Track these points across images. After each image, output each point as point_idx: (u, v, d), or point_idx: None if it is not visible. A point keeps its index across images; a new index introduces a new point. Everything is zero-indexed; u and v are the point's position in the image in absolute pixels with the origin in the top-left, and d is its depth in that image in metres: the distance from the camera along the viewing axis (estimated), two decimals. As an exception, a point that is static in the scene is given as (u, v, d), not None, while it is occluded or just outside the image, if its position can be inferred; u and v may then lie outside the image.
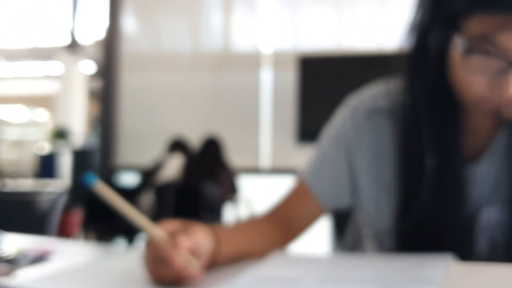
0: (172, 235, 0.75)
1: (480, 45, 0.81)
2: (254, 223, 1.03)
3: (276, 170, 3.31)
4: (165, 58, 3.95)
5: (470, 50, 0.82)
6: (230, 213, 3.71)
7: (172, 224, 0.78)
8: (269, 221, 1.04)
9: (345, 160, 1.03)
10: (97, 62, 4.17)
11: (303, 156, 3.14)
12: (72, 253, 0.93)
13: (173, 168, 3.32)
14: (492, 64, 0.81)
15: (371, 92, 1.05)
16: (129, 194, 3.40)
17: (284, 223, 1.04)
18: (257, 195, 3.64)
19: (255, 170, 3.42)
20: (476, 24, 0.81)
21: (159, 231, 0.75)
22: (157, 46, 4.01)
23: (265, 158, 3.59)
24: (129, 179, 3.87)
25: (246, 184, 3.37)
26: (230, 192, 3.37)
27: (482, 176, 0.93)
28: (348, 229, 1.16)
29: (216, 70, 3.78)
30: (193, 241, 0.76)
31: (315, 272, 0.79)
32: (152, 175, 3.45)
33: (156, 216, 3.17)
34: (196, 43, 3.90)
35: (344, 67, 2.92)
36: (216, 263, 0.81)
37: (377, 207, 1.01)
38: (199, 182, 3.23)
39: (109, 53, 4.04)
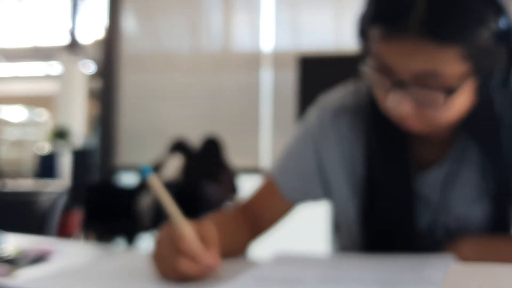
0: (200, 233, 0.79)
1: (375, 59, 0.84)
2: (227, 218, 1.04)
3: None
4: (165, 58, 3.95)
5: (369, 65, 0.85)
6: (231, 207, 3.70)
7: (196, 225, 0.81)
8: (239, 217, 1.05)
9: (312, 156, 1.03)
10: (97, 62, 4.17)
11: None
12: (72, 253, 0.93)
13: (173, 168, 3.32)
14: (382, 80, 0.83)
15: (340, 91, 1.06)
16: (129, 194, 3.39)
17: (252, 219, 1.05)
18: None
19: (255, 170, 3.42)
20: (372, 40, 0.84)
21: (191, 230, 0.79)
22: (157, 46, 4.01)
23: (265, 158, 3.61)
24: (129, 179, 3.87)
25: (246, 184, 3.38)
26: (230, 192, 3.37)
27: (433, 182, 0.95)
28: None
29: (216, 70, 3.78)
30: (216, 243, 0.80)
31: (315, 272, 0.80)
32: (152, 175, 3.44)
33: (156, 216, 3.17)
34: (196, 43, 3.90)
35: (345, 67, 2.94)
36: None
37: (346, 205, 1.02)
38: (199, 182, 3.23)
39: (109, 53, 4.04)
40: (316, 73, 2.86)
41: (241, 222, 1.04)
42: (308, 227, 2.83)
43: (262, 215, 1.06)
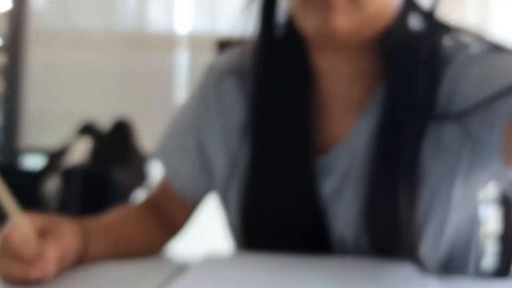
0: (41, 234, 0.69)
1: None
2: (134, 213, 0.93)
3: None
4: (75, 35, 3.76)
5: None
6: (140, 200, 3.60)
7: (40, 220, 0.71)
8: (147, 211, 0.94)
9: (192, 132, 0.91)
10: (2, 37, 3.92)
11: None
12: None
13: (80, 152, 3.17)
14: None
15: (228, 53, 0.94)
16: (34, 178, 3.22)
17: (161, 214, 0.94)
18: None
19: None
20: None
21: (26, 224, 0.68)
22: (67, 22, 3.81)
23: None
24: (34, 162, 3.68)
25: (158, 171, 3.27)
26: (140, 178, 3.25)
27: (335, 167, 0.81)
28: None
29: (129, 50, 3.64)
30: (60, 248, 0.70)
31: (259, 278, 0.69)
32: (58, 158, 3.28)
33: (62, 201, 3.01)
34: (109, 21, 3.73)
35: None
36: (84, 261, 0.76)
37: (226, 190, 0.88)
38: (108, 167, 3.09)
39: (15, 27, 3.81)
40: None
41: (150, 217, 0.92)
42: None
43: (167, 209, 0.95)
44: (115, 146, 3.20)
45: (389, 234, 0.76)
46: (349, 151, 0.81)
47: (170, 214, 0.95)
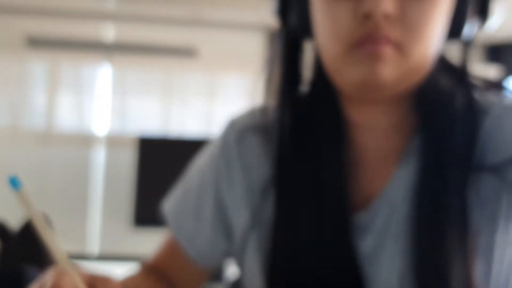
0: (91, 287, 0.65)
1: None
2: (138, 280, 0.88)
3: (107, 257, 3.07)
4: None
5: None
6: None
7: (86, 274, 0.66)
8: (153, 280, 0.88)
9: (212, 195, 0.86)
10: None
11: (139, 242, 2.98)
12: None
13: (-10, 252, 2.94)
14: None
15: (248, 112, 0.90)
16: None
17: (165, 282, 0.89)
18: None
19: (81, 257, 3.14)
20: None
21: (77, 274, 0.64)
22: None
23: (93, 243, 3.34)
24: None
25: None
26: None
27: (372, 225, 0.77)
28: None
29: (39, 148, 3.51)
30: None
31: None
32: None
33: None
34: (16, 119, 3.61)
35: (183, 150, 2.92)
36: None
37: (246, 253, 0.83)
38: (20, 266, 2.88)
39: None
40: (154, 155, 2.80)
41: (155, 283, 0.87)
42: None
43: (173, 277, 0.89)
44: (27, 244, 3.00)
45: (441, 284, 0.72)
46: (387, 206, 0.77)
47: (176, 281, 0.90)
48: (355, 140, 0.80)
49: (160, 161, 2.85)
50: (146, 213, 2.71)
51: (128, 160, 3.14)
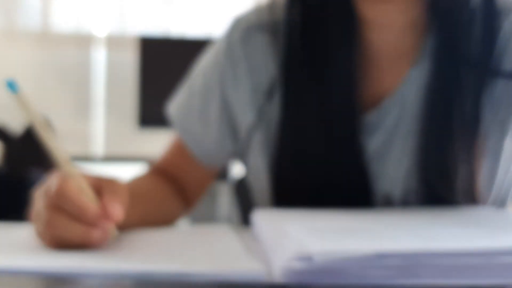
0: (97, 189, 0.59)
1: None
2: (145, 181, 0.86)
3: (112, 158, 3.09)
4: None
5: None
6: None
7: (91, 176, 0.61)
8: (160, 178, 0.87)
9: (217, 96, 0.85)
10: None
11: (145, 142, 2.98)
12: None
13: (-8, 155, 2.96)
14: None
15: (254, 9, 0.87)
16: None
17: (175, 182, 0.88)
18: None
19: (85, 158, 3.16)
20: None
21: (82, 177, 0.59)
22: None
23: (98, 145, 3.34)
24: None
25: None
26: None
27: (382, 123, 0.77)
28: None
29: (37, 50, 3.44)
30: (124, 207, 0.60)
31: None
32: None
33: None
34: (11, 19, 3.51)
35: (186, 50, 2.87)
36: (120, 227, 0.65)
37: (252, 150, 0.83)
38: (24, 170, 2.90)
39: None
40: (157, 55, 2.75)
41: (167, 186, 0.86)
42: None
43: (181, 177, 0.89)
44: (31, 148, 3.00)
45: (444, 187, 0.73)
46: (398, 105, 0.76)
47: (184, 183, 0.89)
48: (367, 39, 0.78)
49: (163, 61, 2.80)
50: (151, 113, 2.70)
51: (130, 61, 3.09)
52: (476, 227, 0.59)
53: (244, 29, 0.84)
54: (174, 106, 0.90)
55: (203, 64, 0.89)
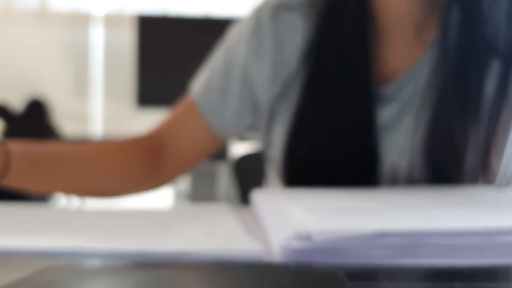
0: None
1: None
2: (86, 149, 0.85)
3: (110, 137, 3.09)
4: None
5: None
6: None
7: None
8: (133, 149, 0.88)
9: (240, 74, 0.87)
10: None
11: (143, 121, 2.96)
12: None
13: (-8, 134, 2.95)
14: None
15: None
16: None
17: (159, 149, 0.88)
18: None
19: (84, 138, 3.16)
20: None
21: None
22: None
23: (97, 124, 3.35)
24: None
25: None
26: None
27: (397, 96, 0.80)
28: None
29: (35, 29, 3.42)
30: None
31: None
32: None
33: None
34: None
35: (185, 29, 2.84)
36: (5, 180, 0.74)
37: (274, 123, 0.85)
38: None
39: None
40: (156, 34, 2.71)
41: (108, 153, 0.86)
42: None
43: (172, 145, 0.88)
44: (30, 127, 3.00)
45: (449, 163, 0.75)
46: (414, 81, 0.79)
47: (171, 154, 0.89)
48: (384, 15, 0.80)
49: (161, 40, 2.78)
50: (150, 93, 2.68)
51: (128, 40, 3.06)
52: (478, 206, 0.59)
53: (274, 7, 0.86)
54: (196, 83, 0.91)
55: (228, 41, 0.90)
